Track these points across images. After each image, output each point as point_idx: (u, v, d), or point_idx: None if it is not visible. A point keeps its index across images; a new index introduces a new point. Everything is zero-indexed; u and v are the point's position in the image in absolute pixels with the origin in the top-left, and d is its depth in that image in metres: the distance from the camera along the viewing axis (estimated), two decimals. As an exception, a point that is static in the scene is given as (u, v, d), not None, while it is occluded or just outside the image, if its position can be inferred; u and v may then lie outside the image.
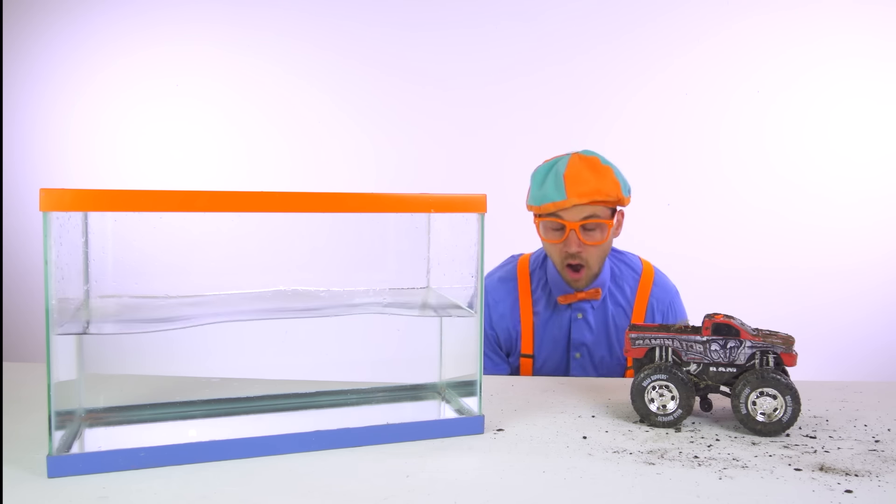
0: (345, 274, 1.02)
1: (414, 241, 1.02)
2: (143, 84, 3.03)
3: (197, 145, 3.02)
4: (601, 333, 1.47)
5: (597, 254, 1.39)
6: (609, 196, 1.33)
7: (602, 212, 1.35)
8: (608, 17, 2.84)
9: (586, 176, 1.33)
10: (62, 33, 3.07)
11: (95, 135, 3.07)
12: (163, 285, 0.91)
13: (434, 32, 2.91)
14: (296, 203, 0.82)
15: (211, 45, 3.01)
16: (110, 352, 0.92)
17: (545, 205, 1.35)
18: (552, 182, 1.35)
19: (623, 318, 1.47)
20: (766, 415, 0.92)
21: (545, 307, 1.48)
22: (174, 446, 0.79)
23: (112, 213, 0.79)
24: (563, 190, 1.32)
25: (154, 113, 3.03)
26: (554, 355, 1.48)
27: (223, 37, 3.00)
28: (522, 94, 2.86)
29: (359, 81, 2.96)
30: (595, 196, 1.32)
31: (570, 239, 1.35)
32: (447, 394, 1.04)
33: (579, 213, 1.34)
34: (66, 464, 0.76)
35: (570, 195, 1.32)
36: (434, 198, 0.89)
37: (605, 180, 1.33)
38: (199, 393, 1.04)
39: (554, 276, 1.47)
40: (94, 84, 3.06)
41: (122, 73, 3.04)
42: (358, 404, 1.02)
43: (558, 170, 1.35)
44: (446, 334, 1.05)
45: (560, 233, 1.37)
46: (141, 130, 3.04)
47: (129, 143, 3.04)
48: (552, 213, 1.35)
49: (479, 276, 0.94)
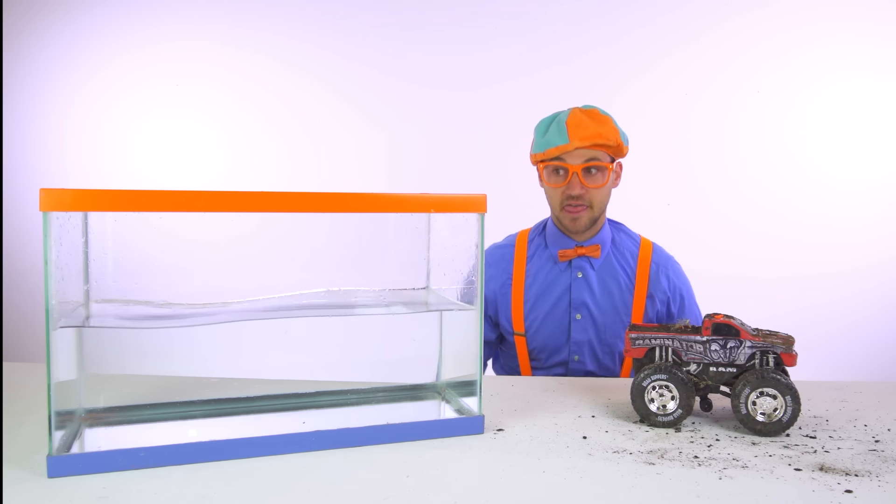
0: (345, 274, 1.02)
1: (414, 241, 1.02)
2: (143, 84, 3.03)
3: (197, 145, 3.02)
4: (604, 296, 1.47)
5: (598, 197, 1.44)
6: (610, 140, 1.39)
7: (603, 156, 1.42)
8: (608, 18, 2.84)
9: (587, 122, 1.40)
10: (62, 33, 3.07)
11: (95, 135, 3.07)
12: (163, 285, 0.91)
13: (434, 32, 2.91)
14: (296, 203, 0.82)
15: (211, 45, 3.01)
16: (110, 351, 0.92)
17: (548, 150, 1.41)
18: (555, 129, 1.41)
19: (627, 283, 1.48)
20: (766, 415, 0.92)
21: (544, 270, 1.50)
22: (174, 446, 0.79)
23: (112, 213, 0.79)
24: (566, 134, 1.39)
25: (154, 113, 3.03)
26: (554, 316, 1.48)
27: (223, 37, 3.00)
28: (522, 94, 2.86)
29: (359, 81, 2.96)
30: (597, 139, 1.38)
31: (573, 182, 1.41)
32: (447, 394, 1.04)
33: (581, 156, 1.40)
34: (66, 464, 0.76)
35: (573, 139, 1.38)
36: (434, 198, 0.89)
37: (606, 126, 1.40)
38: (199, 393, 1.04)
39: (553, 233, 1.51)
40: (94, 84, 3.06)
41: (122, 73, 3.04)
42: (358, 404, 1.02)
43: (560, 118, 1.42)
44: (446, 334, 1.05)
45: (562, 177, 1.43)
46: (141, 130, 3.04)
47: (129, 143, 3.04)
48: (555, 157, 1.41)
49: (479, 276, 0.94)
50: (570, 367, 1.48)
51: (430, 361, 1.09)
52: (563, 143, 1.38)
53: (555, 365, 1.50)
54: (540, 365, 1.51)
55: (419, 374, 1.19)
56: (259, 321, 1.04)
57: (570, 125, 1.39)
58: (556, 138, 1.40)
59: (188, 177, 2.97)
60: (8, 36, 3.07)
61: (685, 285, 1.53)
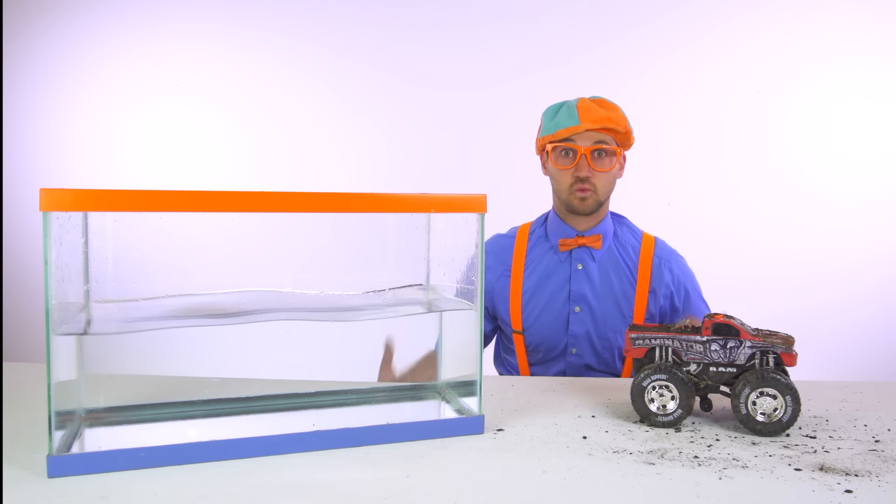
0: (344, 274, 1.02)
1: (414, 241, 1.02)
2: (143, 84, 3.03)
3: (197, 145, 3.02)
4: (604, 289, 1.46)
5: (604, 181, 1.45)
6: (619, 125, 1.42)
7: (611, 141, 1.44)
8: (608, 18, 2.84)
9: (597, 108, 1.42)
10: (62, 33, 3.07)
11: (95, 135, 3.07)
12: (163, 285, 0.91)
13: (435, 33, 2.91)
14: (296, 203, 0.82)
15: (211, 45, 3.01)
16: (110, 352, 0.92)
17: (558, 131, 1.43)
18: (565, 112, 1.44)
19: (629, 276, 1.47)
20: (766, 415, 0.92)
21: (544, 261, 1.50)
22: (174, 446, 0.79)
23: (112, 213, 0.79)
24: (577, 117, 1.41)
25: (154, 113, 3.03)
26: (552, 308, 1.47)
27: (223, 37, 3.00)
28: (522, 95, 2.86)
29: (359, 81, 2.96)
30: (607, 123, 1.41)
31: (581, 163, 1.43)
32: (447, 394, 1.04)
33: (590, 138, 1.42)
34: (66, 464, 0.75)
35: (584, 120, 1.40)
36: (434, 198, 0.89)
37: (615, 112, 1.43)
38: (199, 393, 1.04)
39: (554, 222, 1.51)
40: (94, 84, 3.06)
41: (122, 73, 3.04)
42: (358, 404, 1.02)
43: (570, 103, 1.45)
44: (446, 333, 1.05)
45: (571, 159, 1.44)
46: (141, 130, 3.04)
47: (129, 143, 3.04)
48: (565, 138, 1.42)
49: (479, 276, 0.94)
50: (568, 361, 1.47)
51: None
52: (574, 124, 1.40)
53: (553, 359, 1.49)
54: (538, 360, 1.50)
55: (419, 374, 1.19)
56: (259, 321, 1.04)
57: (581, 109, 1.41)
58: (566, 120, 1.42)
59: (188, 177, 2.97)
60: (8, 36, 3.07)
61: (690, 279, 1.52)
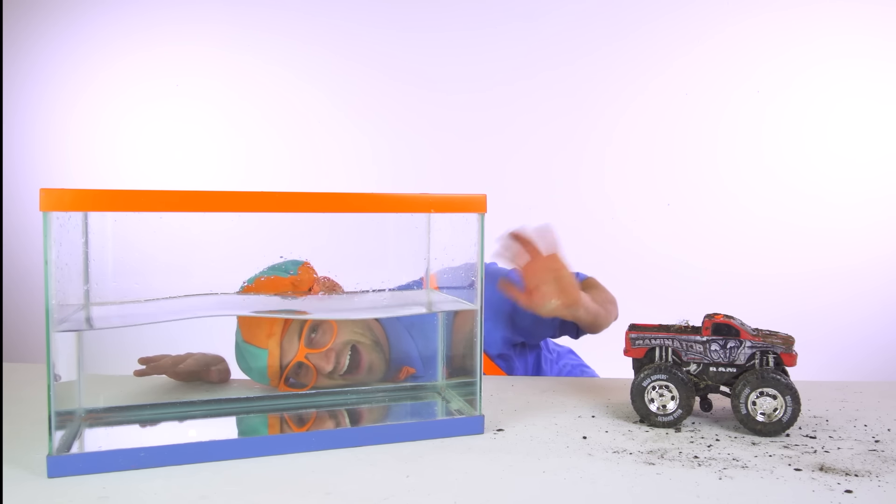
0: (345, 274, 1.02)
1: (414, 241, 1.02)
2: (143, 84, 3.03)
3: (197, 145, 3.02)
4: (493, 318, 1.34)
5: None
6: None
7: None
8: (608, 19, 2.84)
9: None
10: (62, 33, 3.07)
11: (95, 135, 3.07)
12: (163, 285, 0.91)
13: (435, 34, 2.91)
14: (296, 203, 0.82)
15: (211, 45, 3.01)
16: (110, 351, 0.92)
17: None
18: None
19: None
20: (766, 415, 0.92)
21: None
22: (174, 446, 0.79)
23: (112, 213, 0.79)
24: None
25: (154, 113, 3.03)
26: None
27: (223, 37, 3.00)
28: (523, 96, 2.86)
29: (359, 82, 2.96)
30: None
31: None
32: (447, 394, 1.04)
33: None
34: (66, 464, 0.75)
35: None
36: (434, 198, 0.89)
37: None
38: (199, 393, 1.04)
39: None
40: (94, 84, 3.06)
41: (122, 73, 3.04)
42: (358, 404, 1.02)
43: None
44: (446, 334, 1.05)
45: None
46: (141, 130, 3.04)
47: (129, 143, 3.04)
48: None
49: (479, 276, 0.94)
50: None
51: (430, 361, 1.09)
52: None
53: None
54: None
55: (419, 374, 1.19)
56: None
57: None
58: None
59: (188, 177, 2.97)
60: (8, 36, 3.07)
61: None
